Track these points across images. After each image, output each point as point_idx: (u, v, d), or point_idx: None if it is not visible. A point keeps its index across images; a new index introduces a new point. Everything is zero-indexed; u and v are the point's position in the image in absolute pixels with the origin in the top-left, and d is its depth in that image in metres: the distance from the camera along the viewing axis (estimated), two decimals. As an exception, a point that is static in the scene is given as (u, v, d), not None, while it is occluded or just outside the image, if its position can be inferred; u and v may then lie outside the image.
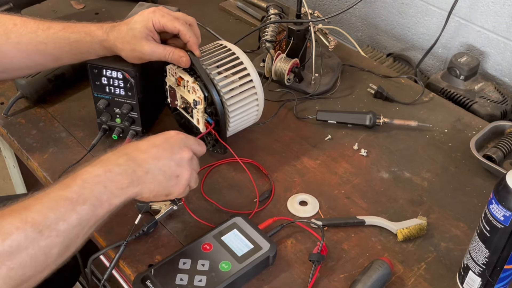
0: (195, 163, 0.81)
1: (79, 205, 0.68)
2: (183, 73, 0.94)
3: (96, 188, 0.70)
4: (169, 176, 0.77)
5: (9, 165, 1.45)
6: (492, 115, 1.14)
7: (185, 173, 0.78)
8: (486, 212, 0.72)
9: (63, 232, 0.66)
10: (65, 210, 0.67)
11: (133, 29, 0.89)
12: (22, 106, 1.11)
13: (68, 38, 0.92)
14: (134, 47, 0.90)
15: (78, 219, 0.68)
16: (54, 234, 0.66)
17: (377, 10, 1.41)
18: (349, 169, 1.00)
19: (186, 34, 0.91)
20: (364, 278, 0.78)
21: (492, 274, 0.75)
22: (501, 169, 0.96)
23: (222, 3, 1.45)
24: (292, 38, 1.15)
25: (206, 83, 0.91)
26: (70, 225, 0.67)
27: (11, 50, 0.93)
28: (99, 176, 0.71)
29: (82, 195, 0.69)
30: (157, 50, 0.91)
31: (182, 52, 0.91)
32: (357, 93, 1.18)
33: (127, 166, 0.74)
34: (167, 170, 0.76)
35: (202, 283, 0.77)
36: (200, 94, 0.91)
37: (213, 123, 0.94)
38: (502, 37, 1.19)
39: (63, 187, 0.70)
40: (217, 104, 0.91)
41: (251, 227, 0.84)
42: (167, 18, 0.90)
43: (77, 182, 0.70)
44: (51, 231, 0.65)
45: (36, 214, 0.66)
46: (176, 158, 0.77)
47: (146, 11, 0.91)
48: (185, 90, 0.95)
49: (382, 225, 0.90)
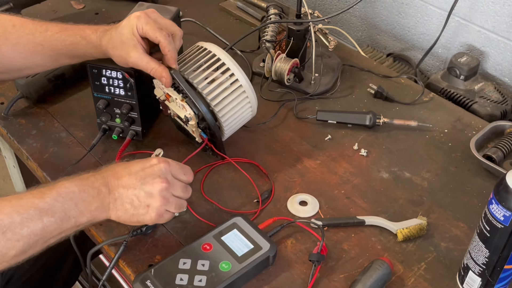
0: (177, 190, 0.80)
1: (47, 216, 0.72)
2: (169, 90, 0.92)
3: (68, 204, 0.74)
4: (137, 205, 0.78)
5: (9, 165, 1.45)
6: (492, 115, 1.14)
7: (156, 203, 0.78)
8: (486, 212, 0.72)
9: (24, 237, 0.70)
10: (32, 217, 0.71)
11: (121, 34, 0.88)
12: (22, 106, 1.11)
13: (65, 41, 0.92)
14: (121, 53, 0.89)
15: (42, 229, 0.71)
16: (15, 238, 0.69)
17: (377, 10, 1.41)
18: (349, 169, 1.00)
19: (166, 47, 0.87)
20: (364, 278, 0.78)
21: (492, 274, 0.75)
22: (501, 169, 0.96)
23: (222, 3, 1.45)
24: (292, 38, 1.15)
25: (194, 100, 0.89)
26: (32, 233, 0.71)
27: (10, 51, 0.93)
28: (73, 193, 0.75)
29: (53, 207, 0.72)
30: (141, 62, 0.88)
31: (164, 72, 0.88)
32: (357, 93, 1.18)
33: (100, 190, 0.77)
34: (134, 199, 0.78)
35: (202, 283, 0.77)
36: (190, 112, 0.90)
37: (206, 138, 0.94)
38: (502, 37, 1.19)
39: (38, 195, 0.73)
40: (209, 120, 0.90)
41: (251, 227, 0.84)
42: (150, 26, 0.87)
43: (52, 193, 0.73)
44: (13, 234, 0.69)
45: (4, 216, 0.69)
46: (146, 189, 0.78)
47: (133, 15, 0.88)
48: (175, 105, 0.93)
49: (382, 225, 0.90)
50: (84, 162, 0.98)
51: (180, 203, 0.81)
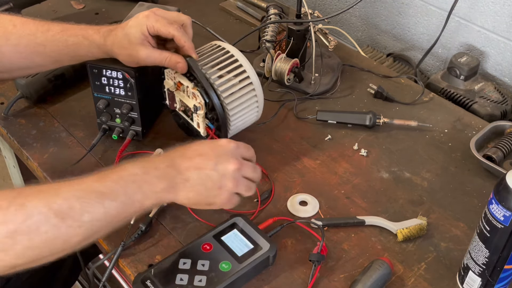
0: (248, 171, 0.79)
1: (108, 200, 0.68)
2: (182, 78, 0.93)
3: (130, 186, 0.71)
4: (210, 187, 0.76)
5: (9, 165, 1.45)
6: (492, 115, 1.14)
7: (229, 185, 0.77)
8: (486, 212, 0.72)
9: (86, 223, 0.66)
10: (93, 202, 0.67)
11: (128, 34, 0.88)
12: (22, 106, 1.11)
13: (66, 41, 0.91)
14: (130, 52, 0.89)
15: (104, 214, 0.68)
16: (76, 224, 0.66)
17: (377, 10, 1.41)
18: (349, 169, 1.00)
19: (181, 39, 0.89)
20: (364, 278, 0.78)
21: (492, 274, 0.75)
22: (501, 169, 0.96)
23: (222, 3, 1.45)
24: (292, 38, 1.15)
25: (206, 89, 0.90)
26: (94, 218, 0.67)
27: (11, 51, 0.93)
28: (136, 175, 0.72)
29: (114, 191, 0.69)
30: (152, 55, 0.89)
31: (178, 58, 0.90)
32: (357, 93, 1.18)
33: (166, 171, 0.74)
34: (208, 180, 0.76)
35: (202, 283, 0.77)
36: (200, 100, 0.91)
37: (214, 129, 0.94)
38: (502, 37, 1.19)
39: (98, 179, 0.70)
40: (218, 110, 0.91)
41: (251, 227, 0.84)
42: (161, 23, 0.88)
43: (113, 177, 0.70)
44: (74, 221, 0.65)
45: (63, 201, 0.66)
46: (220, 169, 0.76)
47: (141, 15, 0.89)
48: (184, 95, 0.94)
49: (382, 225, 0.90)
50: (84, 162, 0.98)
51: (249, 185, 0.80)
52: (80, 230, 0.66)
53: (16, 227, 0.62)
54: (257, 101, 0.98)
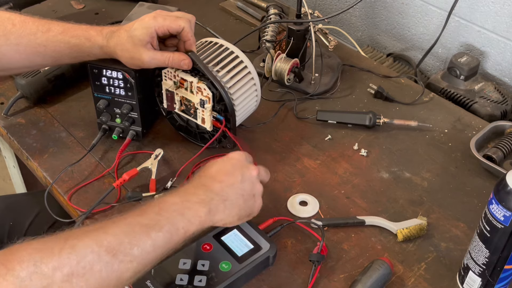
0: (263, 173, 0.83)
1: (154, 232, 0.68)
2: (184, 75, 0.93)
3: (173, 216, 0.71)
4: (247, 197, 0.79)
5: (9, 165, 1.45)
6: (492, 115, 1.14)
7: (259, 188, 0.80)
8: (486, 212, 0.72)
9: (136, 257, 0.66)
10: (140, 236, 0.67)
11: (133, 36, 0.88)
12: (22, 106, 1.11)
13: (68, 42, 0.91)
14: (133, 55, 0.89)
15: (152, 245, 0.68)
16: (127, 259, 0.66)
17: (377, 10, 1.41)
18: (349, 169, 1.00)
19: (189, 32, 0.90)
20: (364, 278, 0.78)
21: (492, 274, 0.75)
22: (501, 169, 0.96)
23: (222, 3, 1.45)
24: (292, 38, 1.15)
25: (212, 81, 0.91)
26: (144, 250, 0.67)
27: (10, 51, 0.92)
28: (176, 204, 0.73)
29: (159, 222, 0.70)
30: (156, 58, 0.90)
31: (182, 55, 0.90)
32: (357, 93, 1.18)
33: (205, 196, 0.75)
34: (243, 193, 0.78)
35: (202, 283, 0.77)
36: (208, 93, 0.91)
37: (224, 120, 0.94)
38: (502, 37, 1.19)
39: (140, 213, 0.71)
40: (226, 100, 0.92)
41: (251, 227, 0.84)
42: (169, 20, 0.89)
43: (154, 209, 0.71)
44: (125, 255, 0.65)
45: (112, 237, 0.66)
46: (246, 179, 0.79)
47: (146, 17, 0.89)
48: (187, 92, 0.94)
49: (382, 225, 0.90)
50: (84, 162, 0.98)
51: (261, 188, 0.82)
52: (131, 265, 0.66)
53: (72, 270, 0.61)
54: (256, 90, 1.00)
